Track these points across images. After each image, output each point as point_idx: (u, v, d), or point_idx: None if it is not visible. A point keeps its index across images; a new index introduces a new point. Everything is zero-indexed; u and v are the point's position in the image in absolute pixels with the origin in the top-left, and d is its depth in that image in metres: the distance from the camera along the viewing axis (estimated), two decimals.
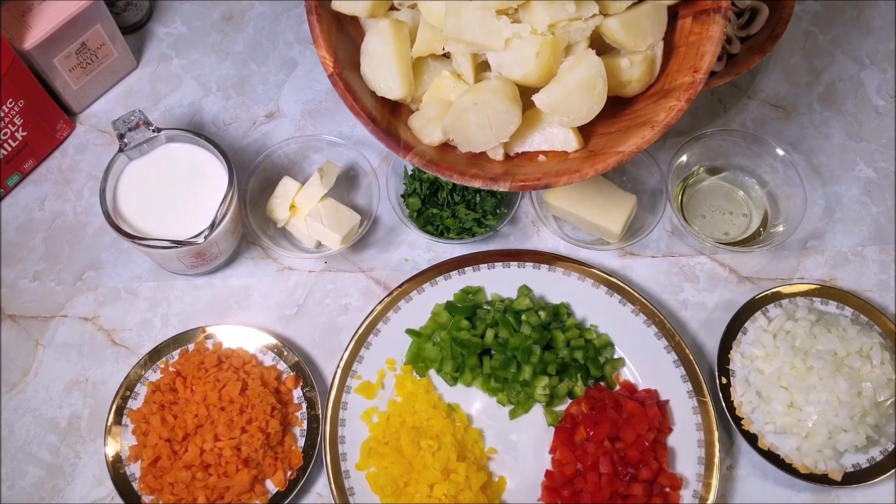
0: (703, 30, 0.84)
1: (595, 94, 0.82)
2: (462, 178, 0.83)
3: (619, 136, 0.84)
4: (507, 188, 0.83)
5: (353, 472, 0.95)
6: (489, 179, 0.83)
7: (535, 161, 0.88)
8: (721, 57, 1.12)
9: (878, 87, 1.20)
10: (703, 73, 0.81)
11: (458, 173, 0.84)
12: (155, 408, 0.95)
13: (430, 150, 0.87)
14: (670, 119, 0.81)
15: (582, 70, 0.81)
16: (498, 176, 0.84)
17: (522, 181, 0.83)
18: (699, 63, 0.82)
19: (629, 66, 0.85)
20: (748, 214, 1.10)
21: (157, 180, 0.98)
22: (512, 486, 0.96)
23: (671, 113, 0.81)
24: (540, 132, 0.87)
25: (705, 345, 1.04)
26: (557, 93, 0.81)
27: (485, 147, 0.86)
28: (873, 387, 0.94)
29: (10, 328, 1.04)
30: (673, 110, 0.81)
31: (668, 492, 0.94)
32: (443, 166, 0.84)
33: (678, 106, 0.81)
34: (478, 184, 0.83)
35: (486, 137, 0.85)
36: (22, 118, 1.04)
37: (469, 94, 0.83)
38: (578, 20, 0.81)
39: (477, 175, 0.84)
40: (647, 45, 0.85)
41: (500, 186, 0.83)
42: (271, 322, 1.04)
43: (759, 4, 1.13)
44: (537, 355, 0.97)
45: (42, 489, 0.96)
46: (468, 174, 0.84)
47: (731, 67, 1.10)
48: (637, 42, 0.84)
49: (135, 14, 1.19)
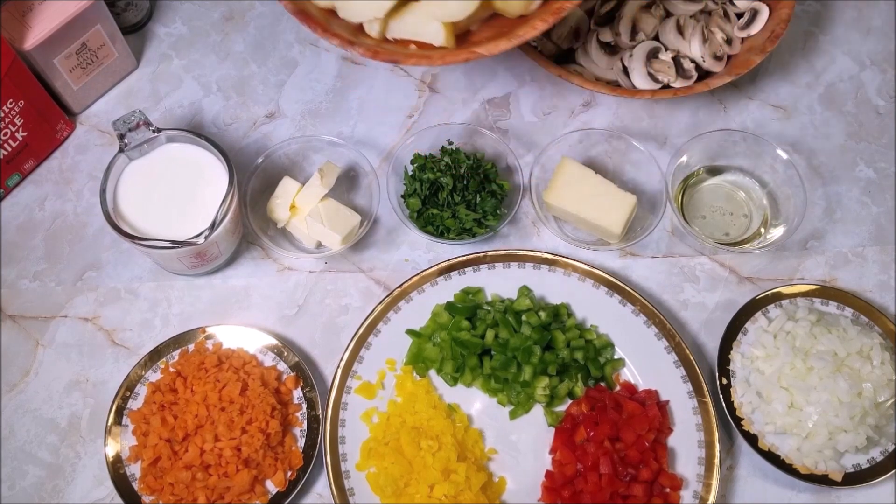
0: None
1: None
2: (324, 34, 0.91)
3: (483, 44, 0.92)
4: (360, 53, 0.90)
5: (353, 472, 0.95)
6: (346, 41, 0.91)
7: (405, 47, 0.93)
8: (721, 57, 1.12)
9: (878, 87, 1.20)
10: (573, 4, 0.90)
11: (322, 28, 0.91)
12: (155, 408, 0.95)
13: (314, 7, 0.95)
14: (527, 35, 0.89)
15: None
16: (354, 41, 0.91)
17: (374, 50, 0.90)
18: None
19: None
20: (748, 215, 1.10)
21: (157, 180, 0.98)
22: (512, 486, 0.96)
23: (530, 31, 0.89)
24: (415, 20, 0.91)
25: (705, 345, 1.04)
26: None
27: (361, 18, 0.93)
28: (873, 387, 0.94)
29: (10, 328, 1.04)
30: (533, 29, 0.89)
31: (668, 492, 0.94)
32: (312, 20, 0.92)
33: (539, 26, 0.89)
34: (336, 42, 0.91)
35: (362, 8, 0.91)
36: (22, 118, 1.04)
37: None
38: None
39: (337, 35, 0.92)
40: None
41: (354, 50, 0.90)
42: (271, 322, 1.04)
43: (759, 4, 1.13)
44: (537, 356, 0.97)
45: (42, 489, 0.96)
46: (330, 31, 0.91)
47: (731, 67, 1.10)
48: None
49: (135, 14, 1.19)
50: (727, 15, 1.14)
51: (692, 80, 1.11)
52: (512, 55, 1.20)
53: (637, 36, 1.13)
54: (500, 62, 1.20)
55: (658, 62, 1.11)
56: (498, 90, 1.19)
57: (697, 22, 1.12)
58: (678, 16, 1.13)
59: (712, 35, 1.12)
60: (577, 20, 1.12)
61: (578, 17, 1.12)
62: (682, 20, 1.12)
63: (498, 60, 1.20)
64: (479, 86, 1.19)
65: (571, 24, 1.12)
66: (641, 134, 1.16)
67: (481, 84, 1.19)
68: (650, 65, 1.10)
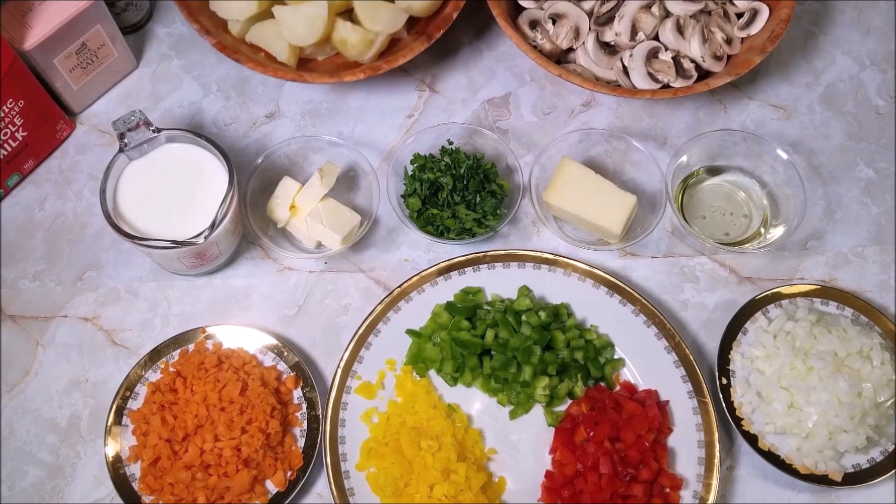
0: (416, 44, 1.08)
1: (317, 27, 1.05)
2: (189, 17, 1.06)
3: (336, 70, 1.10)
4: (210, 42, 1.05)
5: (353, 472, 0.95)
6: (204, 30, 1.06)
7: (255, 52, 1.10)
8: (721, 57, 1.12)
9: (878, 87, 1.20)
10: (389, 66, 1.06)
11: (189, 12, 1.06)
12: (155, 408, 0.95)
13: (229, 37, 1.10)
14: (346, 78, 1.05)
15: (313, 7, 1.04)
16: (211, 31, 1.06)
17: (223, 45, 1.06)
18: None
19: (350, 31, 1.07)
20: (748, 215, 1.10)
21: (157, 180, 0.98)
22: (512, 486, 0.96)
23: (351, 76, 1.05)
24: (271, 34, 1.08)
25: (705, 345, 1.04)
26: (288, 12, 1.05)
27: (226, 16, 1.08)
28: (873, 387, 0.94)
29: (10, 328, 1.04)
30: (354, 75, 1.05)
31: (668, 492, 0.94)
32: (186, 4, 1.07)
33: (360, 75, 1.05)
34: (196, 27, 1.06)
35: (229, 8, 1.08)
36: (22, 118, 1.04)
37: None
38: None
39: (199, 21, 1.06)
40: (375, 31, 1.07)
41: (207, 39, 1.06)
42: (271, 322, 1.04)
43: (758, 4, 1.13)
44: (537, 356, 0.97)
45: (42, 489, 0.96)
46: (195, 17, 1.06)
47: (731, 67, 1.10)
48: (368, 24, 1.07)
49: (135, 14, 1.19)
50: (727, 15, 1.14)
51: (692, 80, 1.11)
52: (512, 55, 1.20)
53: (637, 36, 1.12)
54: (501, 62, 1.20)
55: (658, 62, 1.10)
56: (498, 90, 1.19)
57: (697, 22, 1.12)
58: (678, 16, 1.12)
59: (712, 35, 1.12)
60: (576, 19, 1.13)
61: (578, 16, 1.13)
62: (681, 20, 1.12)
63: (498, 60, 1.21)
64: (479, 86, 1.19)
65: (571, 23, 1.13)
66: (641, 134, 1.16)
67: (481, 84, 1.19)
68: (650, 65, 1.10)
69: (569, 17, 1.13)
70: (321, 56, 1.13)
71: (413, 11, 1.09)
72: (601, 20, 1.13)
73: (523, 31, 1.14)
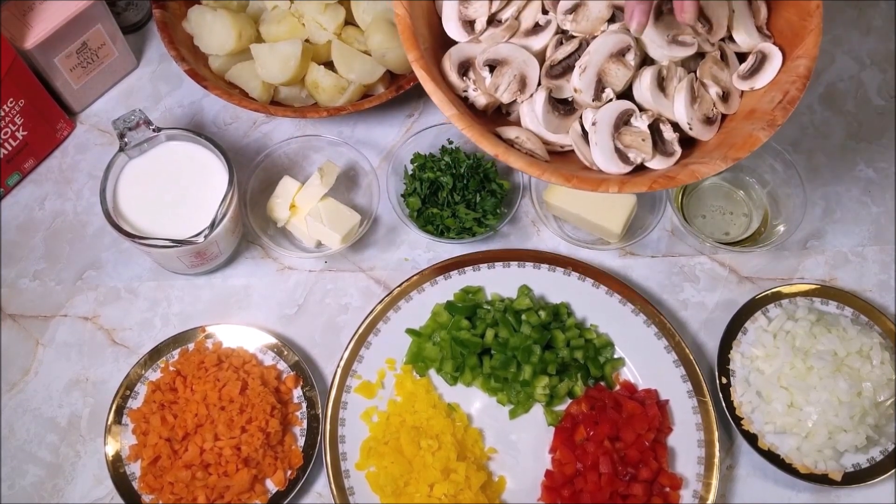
0: None
1: (289, 66, 1.05)
2: (168, 45, 1.07)
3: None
4: (182, 68, 1.06)
5: (353, 471, 0.95)
6: (181, 58, 1.07)
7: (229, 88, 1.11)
8: (713, 120, 0.88)
9: (879, 87, 1.20)
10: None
11: (170, 41, 1.07)
12: (155, 407, 0.95)
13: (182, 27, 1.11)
14: (310, 115, 1.05)
15: (287, 46, 1.04)
16: (188, 59, 1.07)
17: (195, 72, 1.06)
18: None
19: (323, 75, 1.06)
20: (748, 214, 1.10)
21: (157, 180, 0.98)
22: (512, 485, 0.96)
23: (316, 115, 1.05)
24: (248, 73, 1.09)
25: (705, 345, 1.04)
26: (264, 50, 1.05)
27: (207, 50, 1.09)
28: (873, 387, 0.94)
29: (10, 328, 1.04)
30: (319, 115, 1.05)
31: (668, 492, 0.94)
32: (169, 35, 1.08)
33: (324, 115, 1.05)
34: (173, 54, 1.07)
35: (210, 43, 1.08)
36: (22, 118, 1.04)
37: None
38: (324, 30, 1.08)
39: (178, 50, 1.07)
40: (349, 79, 1.07)
41: (181, 66, 1.06)
42: (271, 322, 1.04)
43: (768, 46, 0.88)
44: (537, 355, 0.97)
45: (42, 489, 0.96)
46: (174, 45, 1.07)
47: (727, 148, 0.84)
48: (343, 71, 1.07)
49: (135, 14, 1.19)
50: (725, 57, 0.89)
51: (674, 157, 0.86)
52: None
53: (604, 93, 0.87)
54: None
55: (630, 133, 0.85)
56: None
57: (687, 72, 0.88)
58: (660, 65, 0.87)
59: (704, 90, 0.87)
60: (521, 66, 0.87)
61: (524, 61, 0.88)
62: (664, 71, 0.87)
63: None
64: None
65: (515, 71, 0.87)
66: None
67: None
68: (619, 137, 0.86)
69: (511, 63, 0.87)
70: (297, 103, 1.11)
71: (387, 64, 1.07)
72: (556, 71, 0.88)
73: (450, 80, 0.89)
